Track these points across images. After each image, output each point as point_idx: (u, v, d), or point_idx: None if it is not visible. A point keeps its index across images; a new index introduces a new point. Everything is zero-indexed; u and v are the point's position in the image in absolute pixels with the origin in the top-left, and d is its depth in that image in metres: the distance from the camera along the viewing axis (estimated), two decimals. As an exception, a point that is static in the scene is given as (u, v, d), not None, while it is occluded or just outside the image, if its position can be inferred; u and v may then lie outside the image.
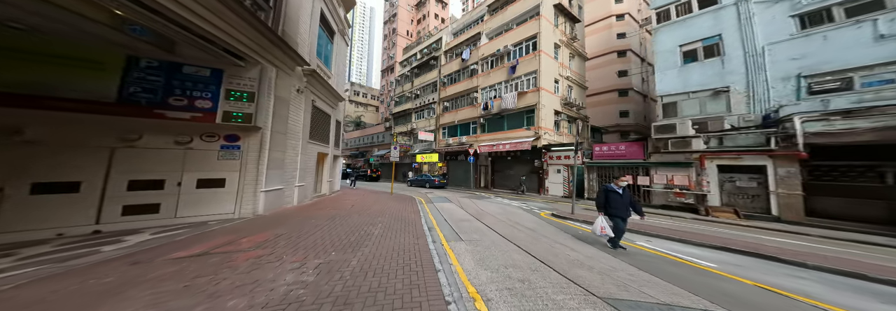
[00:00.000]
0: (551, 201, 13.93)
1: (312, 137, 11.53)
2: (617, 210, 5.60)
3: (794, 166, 8.83)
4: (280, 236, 5.42)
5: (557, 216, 9.39)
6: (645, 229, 7.35)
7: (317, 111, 12.18)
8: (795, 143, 8.54)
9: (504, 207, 11.53)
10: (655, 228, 7.68)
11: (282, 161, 8.47)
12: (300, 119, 10.10)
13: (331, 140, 14.48)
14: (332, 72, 15.15)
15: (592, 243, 6.22)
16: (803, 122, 8.36)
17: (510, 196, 16.08)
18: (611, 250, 5.68)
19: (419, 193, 17.98)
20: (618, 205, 5.61)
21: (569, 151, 14.84)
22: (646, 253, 5.67)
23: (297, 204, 9.68)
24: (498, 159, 20.35)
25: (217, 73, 6.54)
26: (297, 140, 9.77)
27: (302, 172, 10.21)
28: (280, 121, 8.34)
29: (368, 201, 12.50)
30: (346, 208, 9.76)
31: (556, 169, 15.29)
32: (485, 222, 8.30)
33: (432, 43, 31.19)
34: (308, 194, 11.16)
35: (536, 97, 16.89)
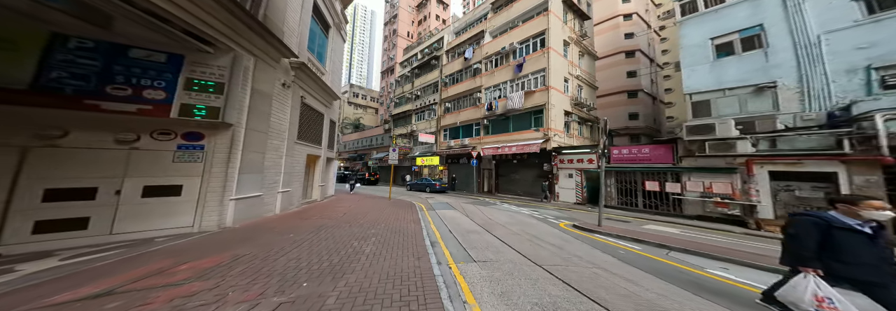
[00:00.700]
0: (564, 208, 12.73)
1: (301, 137, 10.40)
2: (862, 270, 2.70)
3: (875, 173, 7.38)
4: (240, 258, 4.24)
5: (582, 229, 8.14)
6: (703, 250, 5.94)
7: (307, 109, 11.07)
8: (878, 145, 7.18)
9: (514, 215, 10.33)
10: (715, 248, 6.25)
11: (260, 164, 7.32)
12: (286, 117, 8.98)
13: (323, 141, 13.34)
14: (327, 68, 14.10)
15: (651, 271, 4.77)
16: (886, 120, 7.07)
17: (518, 202, 14.89)
18: (688, 288, 4.02)
19: (419, 198, 16.80)
20: (864, 258, 2.70)
21: (583, 154, 13.77)
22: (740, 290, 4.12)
23: (280, 213, 8.50)
24: (502, 163, 19.19)
25: (176, 59, 5.42)
26: (281, 140, 8.64)
27: (287, 176, 9.06)
28: (259, 118, 7.21)
29: (364, 207, 11.32)
30: (337, 217, 8.58)
31: (567, 173, 14.15)
32: (496, 234, 7.10)
33: (433, 43, 30.27)
34: (295, 200, 9.99)
35: (545, 97, 15.79)
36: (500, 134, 18.72)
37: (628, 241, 6.94)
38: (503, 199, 16.52)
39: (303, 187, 11.24)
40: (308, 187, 13.06)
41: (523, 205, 13.57)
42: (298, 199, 10.39)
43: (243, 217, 6.56)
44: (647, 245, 6.58)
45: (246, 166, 6.56)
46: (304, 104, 10.60)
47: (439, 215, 10.20)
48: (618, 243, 6.75)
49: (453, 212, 11.06)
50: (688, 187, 10.14)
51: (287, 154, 8.92)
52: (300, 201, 10.64)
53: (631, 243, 6.80)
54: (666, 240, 6.75)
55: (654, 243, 6.56)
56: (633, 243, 6.80)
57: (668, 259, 5.54)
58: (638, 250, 6.21)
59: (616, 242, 6.86)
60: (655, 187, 11.25)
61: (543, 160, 15.59)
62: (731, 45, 9.76)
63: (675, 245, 6.28)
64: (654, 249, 6.35)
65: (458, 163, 23.15)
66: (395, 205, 12.40)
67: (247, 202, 6.64)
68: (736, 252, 5.98)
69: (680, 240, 6.88)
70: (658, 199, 11.36)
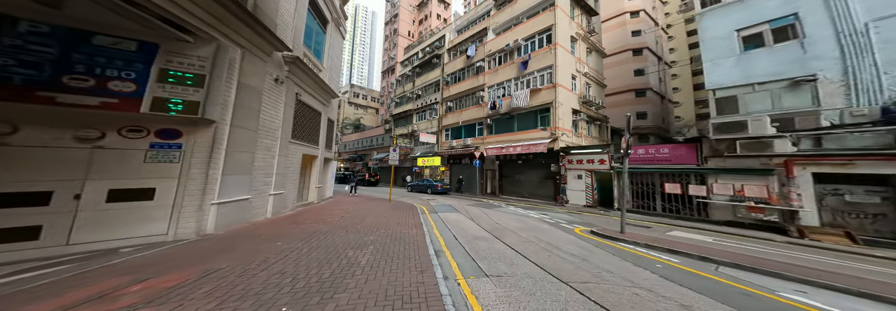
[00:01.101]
0: (574, 211, 12.10)
1: (296, 136, 9.82)
2: None
3: (945, 176, 6.56)
4: (211, 273, 3.64)
5: (602, 236, 7.40)
6: (762, 265, 5.02)
7: (303, 107, 10.50)
8: (950, 145, 6.31)
9: (522, 219, 9.69)
10: (773, 263, 5.24)
11: (248, 165, 6.73)
12: (279, 115, 8.40)
13: (321, 141, 12.77)
14: (325, 65, 13.54)
15: (707, 292, 3.98)
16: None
17: (524, 204, 14.25)
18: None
19: (420, 199, 16.19)
20: None
21: (593, 154, 13.16)
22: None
23: (272, 217, 7.90)
24: (507, 163, 18.56)
25: (149, 47, 4.84)
26: (273, 139, 8.05)
27: (280, 177, 8.47)
28: (247, 114, 6.62)
29: (362, 210, 10.73)
30: (333, 221, 7.97)
31: (576, 175, 13.54)
32: (507, 241, 6.47)
33: (435, 41, 29.71)
34: (289, 203, 9.40)
35: (552, 94, 15.17)
36: (504, 134, 18.10)
37: (661, 251, 6.15)
38: (508, 201, 15.89)
39: (298, 188, 10.66)
40: (304, 188, 12.48)
41: (530, 207, 12.93)
42: (293, 201, 9.79)
43: (228, 223, 5.96)
44: (687, 258, 5.73)
45: (231, 167, 5.96)
46: (299, 101, 10.03)
47: (442, 219, 9.59)
48: (649, 254, 5.97)
49: (457, 215, 10.44)
50: (715, 189, 9.39)
51: (280, 154, 8.34)
52: (295, 203, 10.05)
53: (665, 254, 6.02)
54: (708, 252, 5.88)
55: (695, 255, 5.68)
56: (667, 254, 6.02)
57: (719, 276, 4.74)
58: (676, 263, 5.41)
59: (646, 252, 6.07)
60: (676, 189, 10.47)
61: (550, 161, 14.96)
62: (761, 37, 9.05)
63: (723, 259, 5.36)
64: (696, 262, 5.50)
65: (460, 163, 22.53)
66: (396, 208, 11.79)
67: (232, 206, 6.04)
68: (802, 269, 4.93)
69: (726, 252, 5.96)
70: (679, 202, 10.60)
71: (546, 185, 15.54)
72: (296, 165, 9.91)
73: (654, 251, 6.12)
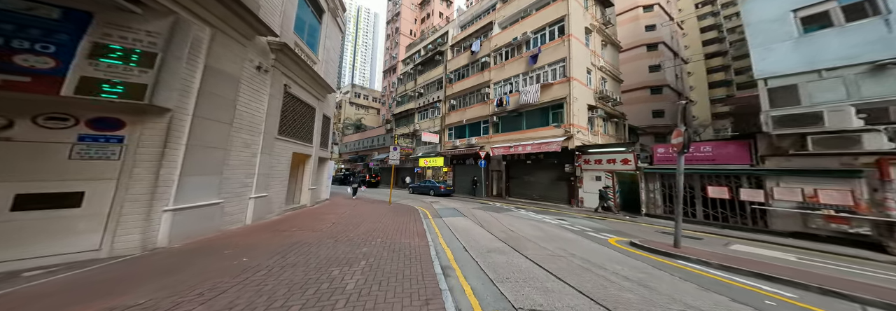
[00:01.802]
0: (595, 216, 10.89)
1: (285, 132, 8.80)
2: None
3: None
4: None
5: (649, 250, 6.04)
6: None
7: (293, 101, 9.48)
8: None
9: (539, 225, 8.58)
10: None
11: (219, 163, 5.70)
12: (263, 107, 7.38)
13: (315, 138, 11.75)
14: (320, 57, 12.56)
15: None
16: None
17: (534, 208, 13.14)
18: None
19: (422, 202, 15.13)
20: None
21: (615, 153, 11.91)
22: None
23: (252, 223, 6.86)
24: (514, 164, 17.46)
25: (78, 16, 3.82)
26: (254, 135, 7.02)
27: (264, 178, 7.44)
28: (217, 104, 5.60)
29: (359, 214, 9.68)
30: (323, 228, 6.93)
31: (593, 176, 12.47)
32: (530, 256, 5.36)
33: (438, 38, 28.76)
34: (275, 207, 8.36)
35: (566, 89, 14.07)
36: (511, 132, 17.01)
37: (749, 277, 4.66)
38: (516, 203, 14.78)
39: (287, 191, 9.63)
40: (296, 190, 11.46)
41: (543, 211, 11.81)
42: (280, 205, 8.75)
43: (188, 233, 4.92)
44: (805, 291, 4.15)
45: (194, 166, 4.93)
46: (288, 94, 9.01)
47: (448, 225, 8.52)
48: (735, 280, 4.55)
49: (464, 220, 9.36)
50: (776, 194, 8.03)
51: (263, 152, 7.31)
52: (283, 207, 9.01)
53: (759, 281, 4.51)
54: (827, 282, 4.31)
55: (814, 287, 4.16)
56: (762, 281, 4.51)
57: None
58: (794, 299, 3.90)
59: (729, 277, 4.64)
60: (722, 193, 9.10)
61: (564, 161, 13.86)
62: (827, 16, 7.74)
63: (864, 294, 3.85)
64: (821, 298, 3.97)
65: (464, 164, 21.49)
66: (396, 211, 10.74)
67: (194, 213, 4.99)
68: None
69: (854, 283, 4.39)
70: (727, 208, 9.19)
71: (559, 187, 14.40)
72: (284, 164, 8.88)
73: (738, 276, 4.70)
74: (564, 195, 14.05)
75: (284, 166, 8.87)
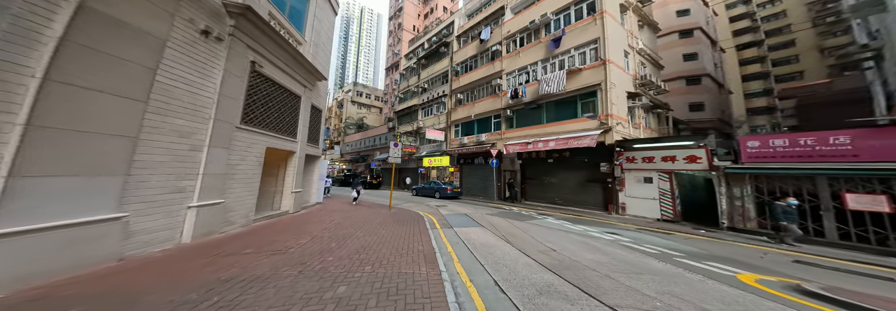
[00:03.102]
0: (649, 227, 8.67)
1: (252, 121, 6.93)
2: None
3: None
4: None
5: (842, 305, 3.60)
6: None
7: (268, 84, 7.62)
8: None
9: (587, 241, 6.57)
10: None
11: (120, 158, 3.81)
12: (213, 86, 5.51)
13: (301, 132, 9.89)
14: (307, 39, 10.77)
15: None
16: None
17: (561, 214, 11.12)
18: None
19: (427, 206, 13.21)
20: None
21: (675, 149, 9.48)
22: None
23: (192, 241, 4.95)
24: (532, 163, 15.46)
25: None
26: (199, 121, 5.15)
27: (216, 179, 5.55)
28: (114, 71, 3.72)
29: (352, 222, 7.77)
30: (296, 247, 5.05)
31: (640, 177, 10.27)
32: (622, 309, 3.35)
33: (443, 29, 26.94)
34: (239, 216, 6.47)
35: (600, 74, 11.98)
36: (529, 127, 15.01)
37: None
38: (536, 208, 12.77)
39: (260, 195, 7.73)
40: (276, 194, 9.58)
41: (576, 219, 9.74)
42: (247, 214, 6.85)
43: (33, 271, 3.00)
44: None
45: (45, 161, 3.04)
46: (259, 75, 7.14)
47: (463, 239, 6.56)
48: None
49: (481, 232, 7.39)
50: None
51: (214, 144, 5.42)
52: (252, 216, 7.11)
53: None
54: None
55: None
56: None
57: None
58: None
59: None
60: (877, 204, 6.48)
61: (597, 158, 11.75)
62: None
63: None
64: None
65: (472, 163, 19.56)
66: (397, 219, 8.82)
67: (41, 241, 3.06)
68: None
69: None
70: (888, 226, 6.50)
71: (590, 190, 12.27)
72: (252, 162, 6.99)
73: None
74: (598, 200, 11.93)
75: (253, 165, 6.98)
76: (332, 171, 42.67)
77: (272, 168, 9.70)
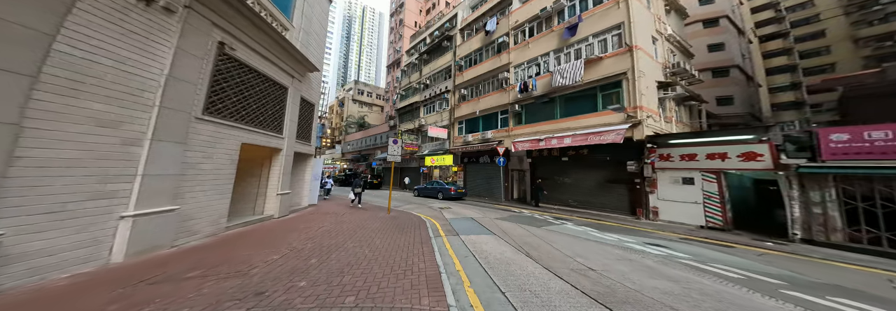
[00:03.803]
0: (698, 237, 7.25)
1: (221, 112, 5.85)
2: None
3: None
4: None
5: None
6: None
7: (243, 71, 6.54)
8: None
9: (630, 256, 5.39)
10: None
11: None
12: (160, 66, 4.42)
13: (288, 128, 8.82)
14: (296, 25, 9.74)
15: None
16: None
17: (579, 218, 9.95)
18: None
19: (429, 208, 12.12)
20: None
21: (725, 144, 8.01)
22: None
23: (125, 260, 3.86)
24: (544, 161, 14.27)
25: None
26: (136, 108, 4.06)
27: (166, 181, 4.47)
28: None
29: (343, 229, 6.66)
30: (261, 266, 3.96)
31: (677, 177, 8.91)
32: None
33: (445, 22, 25.80)
34: (204, 225, 5.39)
35: (626, 61, 10.69)
36: (540, 122, 13.82)
37: None
38: (549, 211, 11.60)
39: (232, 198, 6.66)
40: (259, 196, 8.51)
41: (598, 224, 8.54)
42: (217, 221, 5.77)
43: None
44: None
45: None
46: (229, 59, 6.06)
47: (473, 251, 5.44)
48: None
49: (493, 241, 6.25)
50: None
51: (159, 138, 4.33)
52: (223, 224, 6.02)
53: None
54: None
55: None
56: None
57: None
58: None
59: None
60: None
61: (622, 156, 10.44)
62: None
63: None
64: None
65: (476, 162, 18.44)
66: (396, 224, 7.71)
67: None
68: None
69: None
70: None
71: (613, 192, 10.96)
72: (223, 160, 5.90)
73: None
74: (622, 203, 10.63)
75: (223, 163, 5.89)
76: (334, 170, 41.75)
77: (255, 167, 8.63)
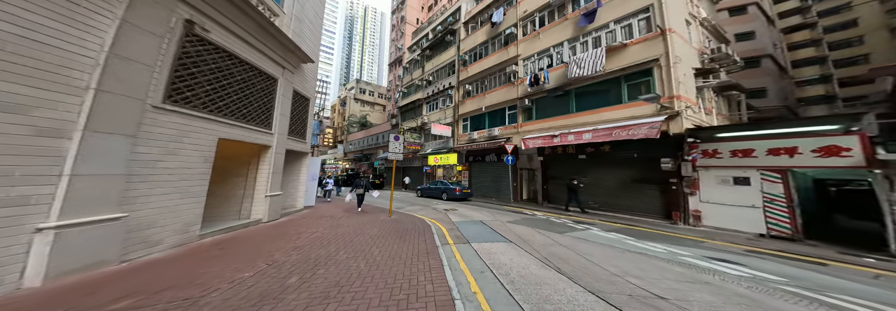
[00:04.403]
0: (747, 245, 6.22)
1: (190, 102, 4.98)
2: None
3: None
4: None
5: None
6: None
7: (222, 56, 5.69)
8: None
9: (707, 279, 4.15)
10: None
11: None
12: (98, 41, 3.55)
13: (277, 122, 7.96)
14: (288, 12, 8.95)
15: None
16: None
17: (600, 221, 8.99)
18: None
19: (434, 210, 11.25)
20: None
21: (796, 137, 6.71)
22: None
23: (44, 283, 2.99)
24: (557, 159, 13.29)
25: None
26: (62, 91, 3.19)
27: (105, 183, 3.60)
28: None
29: (335, 238, 5.76)
30: (222, 288, 3.07)
31: (728, 176, 7.66)
32: None
33: (448, 16, 24.86)
34: (170, 234, 4.53)
35: (657, 47, 9.52)
36: (553, 117, 12.84)
37: None
38: (565, 213, 10.64)
39: (218, 200, 5.80)
40: (246, 198, 7.65)
41: (629, 230, 7.49)
42: (187, 228, 4.89)
43: None
44: None
45: None
46: (201, 40, 5.19)
47: (489, 265, 4.52)
48: None
49: (511, 251, 5.32)
50: None
51: (96, 127, 3.46)
52: (198, 231, 5.16)
53: None
54: None
55: None
56: None
57: None
58: None
59: None
60: None
61: (652, 152, 9.24)
62: None
63: None
64: None
65: (482, 161, 17.53)
66: (397, 229, 6.80)
67: None
68: None
69: None
70: None
71: (641, 192, 9.80)
72: (193, 157, 5.03)
73: None
74: (653, 205, 9.47)
75: (194, 161, 5.02)
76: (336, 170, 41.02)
77: (240, 166, 7.78)
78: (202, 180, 5.25)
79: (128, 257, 3.89)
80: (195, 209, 5.10)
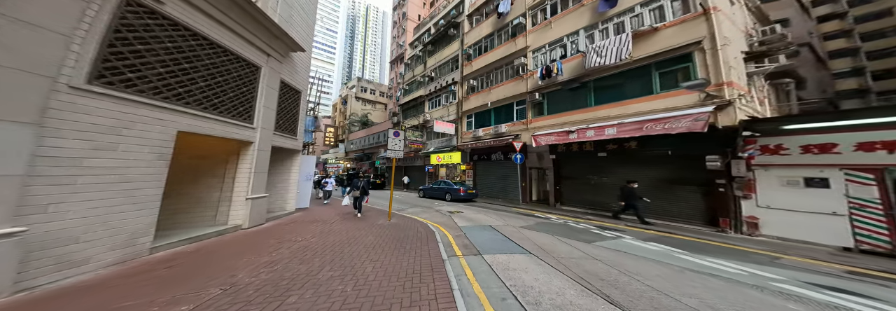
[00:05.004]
0: (839, 263, 4.95)
1: (134, 85, 4.00)
2: None
3: None
4: None
5: None
6: None
7: (183, 35, 4.70)
8: None
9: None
10: None
11: None
12: None
13: (262, 116, 6.99)
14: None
15: None
16: None
17: (621, 225, 7.93)
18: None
19: (438, 212, 10.27)
20: None
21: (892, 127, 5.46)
22: None
23: None
24: (572, 157, 12.21)
25: None
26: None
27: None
28: None
29: (322, 248, 4.75)
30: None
31: (797, 177, 6.42)
32: None
33: (451, 9, 23.86)
34: (105, 250, 3.56)
35: (698, 28, 8.30)
36: (568, 112, 11.78)
37: None
38: (582, 217, 9.61)
39: (161, 206, 4.83)
40: (222, 202, 6.69)
41: (670, 239, 6.37)
42: (128, 242, 3.91)
43: None
44: None
45: None
46: (150, 11, 4.21)
47: (511, 289, 3.53)
48: None
49: (534, 266, 4.28)
50: None
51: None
52: (149, 243, 4.18)
53: None
54: None
55: None
56: None
57: None
58: None
59: None
60: None
61: (692, 148, 8.00)
62: None
63: None
64: None
65: (488, 159, 16.52)
66: (396, 237, 5.80)
67: None
68: None
69: None
70: None
71: (680, 196, 8.49)
72: (142, 152, 4.05)
73: None
74: (695, 211, 8.17)
75: (140, 158, 4.05)
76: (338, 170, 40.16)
77: (216, 166, 6.82)
78: (155, 182, 4.27)
79: (32, 284, 2.91)
80: (145, 218, 4.13)
